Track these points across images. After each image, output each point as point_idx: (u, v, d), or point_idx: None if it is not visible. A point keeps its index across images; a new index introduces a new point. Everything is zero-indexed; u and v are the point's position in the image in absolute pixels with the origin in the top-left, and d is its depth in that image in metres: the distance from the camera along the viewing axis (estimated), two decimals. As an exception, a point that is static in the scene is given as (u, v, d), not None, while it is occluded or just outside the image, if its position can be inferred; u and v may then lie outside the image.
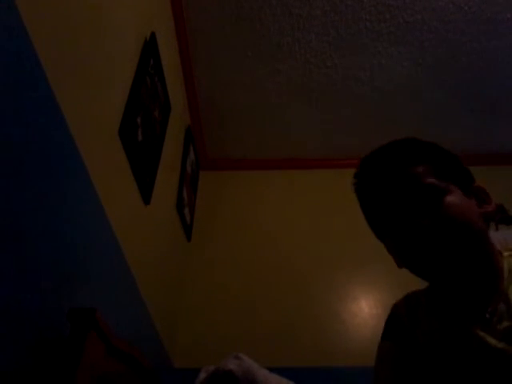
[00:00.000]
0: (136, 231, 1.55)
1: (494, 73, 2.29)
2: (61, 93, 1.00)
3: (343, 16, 2.07)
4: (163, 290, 1.93)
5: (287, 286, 2.25)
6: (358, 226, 2.53)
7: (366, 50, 2.20)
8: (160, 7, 1.90)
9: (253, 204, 2.58)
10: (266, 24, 2.10)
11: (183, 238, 2.29)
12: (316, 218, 2.51)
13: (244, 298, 2.22)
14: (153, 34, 1.69)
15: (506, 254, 0.76)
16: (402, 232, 0.72)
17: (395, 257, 0.78)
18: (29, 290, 0.90)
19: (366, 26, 2.11)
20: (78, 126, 1.08)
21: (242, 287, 2.26)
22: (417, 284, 0.86)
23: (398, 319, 0.83)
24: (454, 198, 0.72)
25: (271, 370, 1.36)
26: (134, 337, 1.42)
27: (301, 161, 2.73)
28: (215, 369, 0.91)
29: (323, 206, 2.54)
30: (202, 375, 0.96)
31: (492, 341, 0.67)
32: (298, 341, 2.07)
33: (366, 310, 2.21)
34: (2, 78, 0.82)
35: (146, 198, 1.61)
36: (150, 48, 1.65)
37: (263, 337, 2.07)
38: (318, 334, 2.11)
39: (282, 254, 2.36)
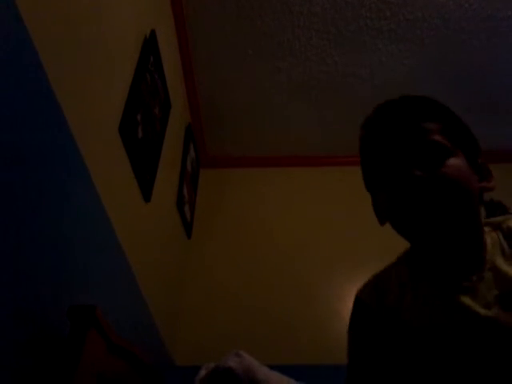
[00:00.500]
0: (136, 229, 1.55)
1: (495, 70, 2.29)
2: (61, 90, 1.00)
3: (343, 13, 2.07)
4: (164, 287, 1.93)
5: (287, 283, 2.25)
6: (358, 224, 2.54)
7: (366, 47, 2.19)
8: (160, 4, 1.90)
9: (253, 202, 2.58)
10: (266, 21, 2.10)
11: (183, 236, 2.29)
12: (316, 215, 2.51)
13: (244, 296, 2.22)
14: (153, 32, 1.69)
15: (486, 229, 0.75)
16: (395, 182, 0.70)
17: (381, 210, 0.76)
18: (29, 287, 0.90)
19: (366, 23, 2.10)
20: (78, 124, 1.08)
21: (243, 285, 2.26)
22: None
23: (365, 303, 0.79)
24: (457, 161, 0.70)
25: (271, 367, 1.36)
26: (135, 334, 1.42)
27: (301, 158, 2.73)
28: (216, 366, 0.92)
29: (323, 203, 2.54)
30: (203, 372, 0.96)
31: (481, 310, 0.65)
32: (298, 339, 2.07)
33: (366, 307, 2.21)
34: (2, 76, 0.82)
35: (147, 195, 1.61)
36: (149, 45, 1.64)
37: (264, 334, 2.07)
38: (318, 331, 2.11)
39: (282, 252, 2.36)
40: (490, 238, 0.74)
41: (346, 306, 2.58)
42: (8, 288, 0.83)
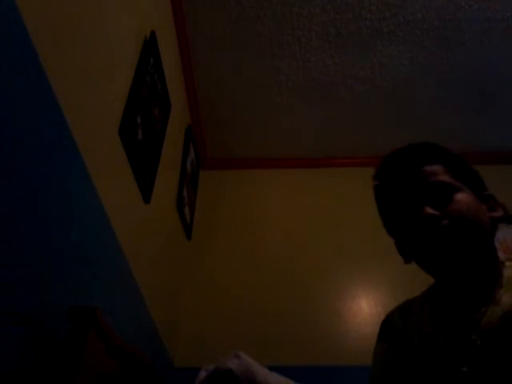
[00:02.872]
0: (136, 230, 1.55)
1: (494, 71, 2.29)
2: (61, 92, 1.00)
3: (343, 15, 2.07)
4: (163, 288, 1.93)
5: (287, 284, 2.25)
6: (358, 225, 2.54)
7: (366, 48, 2.19)
8: (160, 6, 1.90)
9: (253, 203, 2.58)
10: (266, 23, 2.10)
11: (183, 237, 2.29)
12: (316, 216, 2.51)
13: (244, 297, 2.22)
14: (153, 33, 1.69)
15: (508, 263, 0.78)
16: (410, 223, 0.75)
17: (403, 250, 0.81)
18: (29, 288, 0.90)
19: (366, 24, 2.10)
20: (78, 125, 1.08)
21: (242, 286, 2.26)
22: (415, 283, 0.86)
23: (391, 324, 0.86)
24: (465, 196, 0.75)
25: (271, 368, 1.36)
26: (135, 335, 1.42)
27: (301, 160, 2.73)
28: (215, 368, 0.91)
29: (324, 204, 2.54)
30: (202, 374, 0.96)
31: (479, 341, 0.68)
32: (299, 339, 2.07)
33: (365, 308, 2.21)
34: (2, 77, 0.82)
35: (146, 196, 1.61)
36: (150, 47, 1.65)
37: (263, 335, 2.07)
38: (318, 332, 2.11)
39: (282, 253, 2.36)
40: (508, 273, 0.75)
41: (346, 306, 2.60)
42: (8, 289, 0.83)
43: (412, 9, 2.05)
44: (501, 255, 0.79)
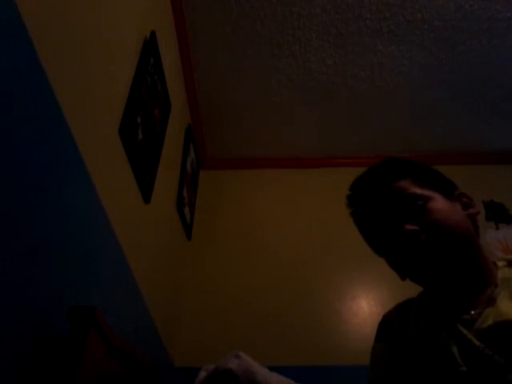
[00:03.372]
0: (136, 230, 1.55)
1: (495, 72, 2.29)
2: (61, 92, 1.00)
3: (343, 14, 2.07)
4: (163, 288, 1.93)
5: (287, 284, 2.25)
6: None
7: (367, 48, 2.19)
8: (160, 6, 1.90)
9: (253, 203, 2.58)
10: (266, 23, 2.10)
11: (183, 237, 2.29)
12: (316, 216, 2.51)
13: (244, 297, 2.22)
14: (153, 33, 1.69)
15: (500, 263, 0.78)
16: (394, 243, 0.77)
17: (395, 269, 0.83)
18: (29, 288, 0.90)
19: (366, 24, 2.10)
20: (78, 125, 1.08)
21: (243, 286, 2.26)
22: (415, 283, 0.86)
23: (389, 324, 0.86)
24: (436, 204, 0.76)
25: (271, 368, 1.35)
26: (134, 335, 1.42)
27: (301, 160, 2.73)
28: (215, 368, 0.91)
29: (323, 204, 2.54)
30: (202, 374, 0.96)
31: (475, 341, 0.68)
32: (298, 339, 2.07)
33: (365, 308, 2.21)
34: (2, 77, 0.82)
35: (146, 196, 1.61)
36: (150, 47, 1.65)
37: (263, 335, 2.07)
38: (318, 332, 2.11)
39: (282, 253, 2.36)
40: (502, 272, 0.76)
41: (346, 306, 2.60)
42: (8, 289, 0.83)
43: (412, 9, 2.05)
44: (500, 254, 0.79)
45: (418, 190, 0.78)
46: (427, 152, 2.50)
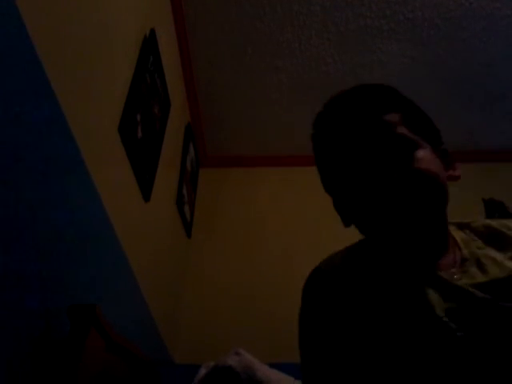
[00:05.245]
0: (136, 228, 1.55)
1: (495, 69, 2.29)
2: (60, 90, 1.00)
3: (343, 13, 2.07)
4: (163, 286, 1.93)
5: (287, 282, 2.25)
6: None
7: (366, 46, 2.19)
8: (159, 3, 1.89)
9: (253, 201, 2.58)
10: (265, 20, 2.10)
11: (183, 235, 2.29)
12: (316, 214, 2.50)
13: (244, 294, 2.22)
14: (152, 31, 1.69)
15: (450, 227, 0.74)
16: (366, 181, 0.67)
17: (346, 210, 0.74)
18: (29, 286, 0.90)
19: (366, 22, 2.10)
20: (77, 123, 1.08)
21: (242, 283, 2.26)
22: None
23: (336, 280, 0.74)
24: (426, 154, 0.69)
25: (271, 365, 1.36)
26: (134, 333, 1.42)
27: (301, 158, 2.73)
28: (215, 365, 0.92)
29: (323, 203, 2.53)
30: (203, 371, 0.96)
31: (479, 293, 0.62)
32: (298, 337, 2.07)
33: (365, 306, 2.21)
34: (1, 76, 0.82)
35: (146, 195, 1.62)
36: (149, 45, 1.64)
37: (263, 333, 2.07)
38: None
39: (282, 251, 2.36)
40: (459, 236, 0.73)
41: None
42: (8, 288, 0.83)
43: (412, 6, 2.05)
44: None
45: (409, 133, 0.69)
46: (427, 150, 2.50)
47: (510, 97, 2.40)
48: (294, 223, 2.48)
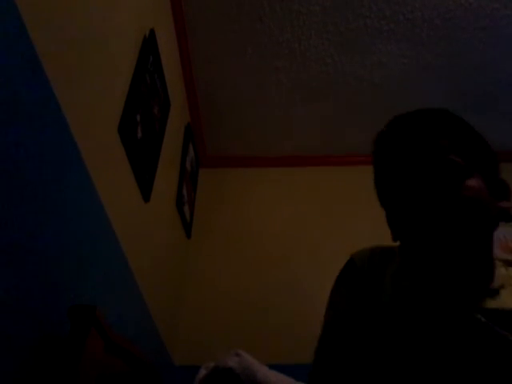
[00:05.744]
0: (136, 228, 1.55)
1: (495, 70, 2.29)
2: (60, 90, 1.00)
3: (343, 13, 2.07)
4: (163, 287, 1.93)
5: (287, 282, 2.25)
6: (357, 224, 2.54)
7: (366, 47, 2.19)
8: (159, 4, 1.89)
9: (252, 201, 2.58)
10: (265, 21, 2.10)
11: (183, 236, 2.29)
12: (316, 215, 2.51)
13: (244, 295, 2.22)
14: (152, 31, 1.68)
15: (498, 263, 0.76)
16: (415, 203, 0.68)
17: (395, 226, 0.76)
18: (29, 287, 0.90)
19: (365, 22, 2.10)
20: (77, 123, 1.08)
21: (242, 284, 2.26)
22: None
23: (359, 271, 0.80)
24: (476, 183, 0.69)
25: (271, 367, 1.36)
26: (134, 334, 1.42)
27: (300, 158, 2.73)
28: (215, 366, 0.92)
29: (323, 203, 2.54)
30: (202, 372, 0.96)
31: (482, 319, 0.65)
32: (298, 338, 2.07)
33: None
34: (1, 76, 0.82)
35: (146, 195, 1.61)
36: (149, 45, 1.64)
37: (263, 334, 2.07)
38: (317, 330, 2.11)
39: (282, 251, 2.36)
40: (499, 271, 0.74)
41: (346, 305, 2.55)
42: (8, 288, 0.83)
43: (412, 7, 2.05)
44: (498, 252, 0.78)
45: (461, 160, 0.69)
46: (427, 150, 2.50)
47: (509, 97, 2.40)
48: (293, 223, 2.48)
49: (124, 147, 1.40)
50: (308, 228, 2.46)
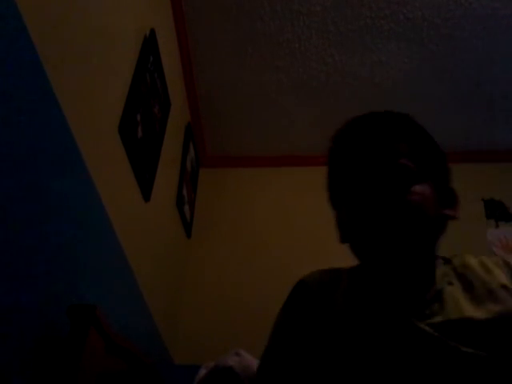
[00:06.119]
0: (136, 228, 1.55)
1: (495, 69, 2.29)
2: (60, 90, 1.00)
3: (343, 12, 2.07)
4: (163, 286, 1.93)
5: (287, 282, 2.25)
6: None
7: (366, 46, 2.19)
8: (159, 3, 1.89)
9: (252, 201, 2.58)
10: (265, 20, 2.10)
11: (183, 235, 2.29)
12: (316, 215, 2.50)
13: (244, 295, 2.22)
14: (152, 31, 1.69)
15: (441, 261, 0.76)
16: (360, 204, 0.69)
17: (342, 229, 0.77)
18: (29, 286, 0.90)
19: (366, 22, 2.10)
20: (77, 123, 1.08)
21: (242, 283, 2.26)
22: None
23: (309, 291, 0.80)
24: (423, 189, 0.70)
25: (271, 366, 1.35)
26: (134, 333, 1.42)
27: (300, 158, 2.73)
28: (215, 365, 0.92)
29: (323, 203, 2.54)
30: (202, 372, 0.96)
31: (430, 331, 0.65)
32: (298, 337, 2.07)
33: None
34: (1, 76, 0.82)
35: (146, 195, 1.62)
36: (149, 45, 1.64)
37: (263, 333, 2.07)
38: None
39: (282, 251, 2.36)
40: (439, 270, 0.74)
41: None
42: (8, 287, 0.83)
43: (412, 6, 2.05)
44: (499, 252, 0.77)
45: (413, 165, 0.70)
46: (427, 150, 2.50)
47: (509, 97, 2.40)
48: (294, 223, 2.48)
49: (124, 147, 1.40)
50: (308, 227, 2.45)
